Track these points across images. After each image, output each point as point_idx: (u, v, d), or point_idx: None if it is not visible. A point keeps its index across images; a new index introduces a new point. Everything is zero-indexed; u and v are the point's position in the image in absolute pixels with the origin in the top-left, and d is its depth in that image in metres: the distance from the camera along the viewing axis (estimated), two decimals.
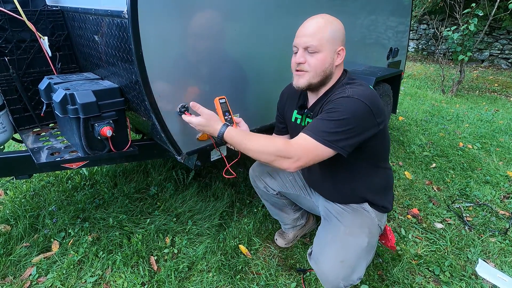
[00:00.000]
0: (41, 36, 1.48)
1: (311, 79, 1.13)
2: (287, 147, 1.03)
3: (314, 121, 1.07)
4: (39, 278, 1.50)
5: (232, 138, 1.09)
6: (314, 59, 1.10)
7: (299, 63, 1.12)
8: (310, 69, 1.11)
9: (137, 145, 1.46)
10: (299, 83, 1.15)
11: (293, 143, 1.05)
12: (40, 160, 1.31)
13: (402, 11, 2.77)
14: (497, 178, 2.44)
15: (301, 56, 1.11)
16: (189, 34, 1.19)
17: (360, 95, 1.05)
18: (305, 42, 1.09)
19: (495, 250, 1.73)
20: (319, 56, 1.09)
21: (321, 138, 1.01)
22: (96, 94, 1.22)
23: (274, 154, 1.03)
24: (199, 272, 1.55)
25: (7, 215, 1.85)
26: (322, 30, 1.08)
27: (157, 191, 2.12)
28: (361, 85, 1.13)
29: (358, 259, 1.13)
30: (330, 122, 1.03)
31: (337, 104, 1.05)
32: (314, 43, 1.08)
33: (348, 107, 1.03)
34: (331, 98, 1.11)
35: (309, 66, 1.11)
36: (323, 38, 1.08)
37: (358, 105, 1.03)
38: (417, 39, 8.45)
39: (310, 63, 1.11)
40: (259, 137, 1.09)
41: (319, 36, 1.08)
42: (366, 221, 1.24)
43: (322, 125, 1.03)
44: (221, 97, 1.24)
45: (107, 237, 1.72)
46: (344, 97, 1.06)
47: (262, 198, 1.64)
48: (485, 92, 5.37)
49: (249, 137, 1.09)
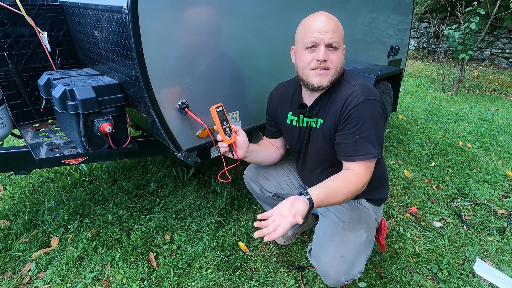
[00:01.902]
0: (40, 31, 1.47)
1: (332, 77, 1.09)
2: (359, 182, 1.06)
3: (353, 143, 1.07)
4: (38, 274, 1.50)
5: (321, 203, 0.99)
6: (335, 56, 1.07)
7: (323, 60, 1.05)
8: (332, 66, 1.07)
9: (136, 141, 1.45)
10: (322, 82, 1.09)
11: (359, 174, 1.07)
12: (39, 156, 1.31)
13: (404, 9, 2.76)
14: (496, 177, 2.45)
15: (325, 53, 1.04)
16: (190, 30, 1.19)
17: (368, 93, 1.08)
18: (330, 38, 1.03)
19: (493, 249, 1.73)
20: (338, 53, 1.07)
21: (372, 156, 1.07)
22: (95, 90, 1.21)
23: (355, 194, 1.06)
24: (198, 268, 1.56)
25: (6, 210, 1.85)
26: (340, 26, 1.07)
27: (156, 188, 2.12)
28: (359, 78, 1.15)
29: (358, 254, 1.15)
30: (370, 136, 1.06)
31: (361, 113, 1.06)
32: (337, 39, 1.05)
33: (371, 111, 1.06)
34: (347, 107, 1.08)
35: (332, 64, 1.07)
36: (341, 35, 1.07)
37: (376, 105, 1.08)
38: (418, 38, 8.43)
39: (332, 60, 1.06)
40: (338, 187, 1.03)
41: (340, 33, 1.06)
42: (363, 216, 1.25)
43: (364, 145, 1.06)
44: (218, 105, 1.13)
45: (106, 233, 1.72)
46: (361, 103, 1.06)
47: (259, 200, 1.63)
48: (485, 91, 5.37)
49: (332, 193, 1.02)
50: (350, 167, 1.09)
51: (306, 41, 1.07)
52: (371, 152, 1.06)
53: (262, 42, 1.50)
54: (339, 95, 1.12)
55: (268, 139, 1.44)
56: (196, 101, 1.30)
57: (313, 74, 1.09)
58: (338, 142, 1.12)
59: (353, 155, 1.08)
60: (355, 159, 1.08)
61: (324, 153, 1.23)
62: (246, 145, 1.20)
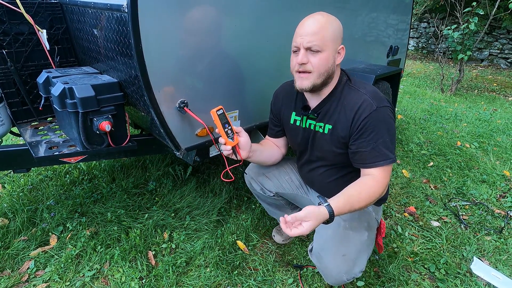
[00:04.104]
0: (39, 29, 1.47)
1: (315, 80, 1.09)
2: (379, 186, 1.08)
3: (371, 150, 1.09)
4: (37, 272, 1.50)
5: (342, 210, 1.01)
6: (317, 59, 1.06)
7: (302, 63, 1.07)
8: (313, 69, 1.08)
9: (135, 140, 1.45)
10: (303, 85, 1.11)
11: (378, 179, 1.09)
12: (38, 154, 1.30)
13: (403, 9, 2.76)
14: (494, 177, 2.46)
15: (303, 56, 1.06)
16: (189, 29, 1.19)
17: (379, 100, 1.10)
18: (308, 42, 1.04)
19: (490, 249, 1.74)
20: (322, 55, 1.06)
21: (390, 160, 1.09)
22: (95, 88, 1.21)
23: (376, 198, 1.07)
24: (196, 267, 1.56)
25: (5, 208, 1.85)
26: (324, 28, 1.05)
27: (155, 186, 2.12)
28: (366, 84, 1.17)
29: (359, 253, 1.15)
30: (386, 142, 1.09)
31: (376, 122, 1.08)
32: (317, 42, 1.04)
33: (384, 118, 1.09)
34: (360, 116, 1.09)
35: (313, 67, 1.07)
36: (325, 37, 1.05)
37: (388, 111, 1.11)
38: (417, 38, 8.44)
39: (313, 64, 1.07)
40: (359, 193, 1.05)
41: (322, 35, 1.04)
42: (364, 215, 1.26)
43: (382, 151, 1.08)
44: (218, 108, 1.11)
45: (105, 232, 1.72)
46: (374, 111, 1.08)
47: (259, 199, 1.63)
48: (483, 91, 5.38)
49: (352, 200, 1.03)
50: (369, 173, 1.11)
51: (292, 45, 1.12)
52: (389, 157, 1.09)
53: (261, 41, 1.50)
54: (350, 103, 1.13)
55: (270, 138, 1.44)
56: (195, 100, 1.30)
57: (297, 77, 1.12)
58: (355, 151, 1.13)
59: (372, 161, 1.10)
60: (374, 165, 1.10)
61: (329, 154, 1.24)
62: (249, 145, 1.20)
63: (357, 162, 1.14)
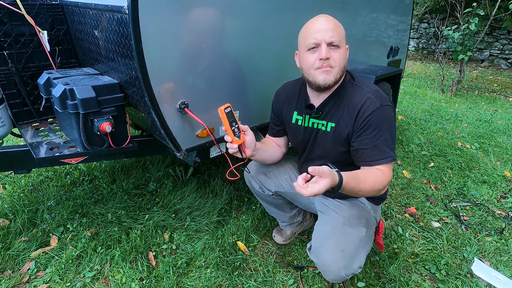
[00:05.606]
0: (40, 30, 1.47)
1: (336, 74, 1.11)
2: (383, 179, 1.08)
3: (373, 148, 1.10)
4: (37, 273, 1.50)
5: (348, 184, 0.97)
6: (338, 54, 1.09)
7: (326, 58, 1.07)
8: (335, 64, 1.09)
9: (136, 141, 1.45)
10: (327, 80, 1.10)
11: (385, 173, 1.10)
12: (39, 155, 1.31)
13: (403, 10, 2.76)
14: (495, 178, 2.46)
15: (327, 51, 1.07)
16: (190, 30, 1.19)
17: (382, 99, 1.12)
18: (330, 37, 1.06)
19: (491, 249, 1.74)
20: (341, 51, 1.10)
21: (391, 159, 1.11)
22: (95, 89, 1.21)
23: (379, 189, 1.07)
24: (197, 268, 1.56)
25: (6, 209, 1.85)
26: (339, 25, 1.10)
27: (155, 187, 2.12)
28: (368, 83, 1.18)
29: (357, 248, 1.16)
30: (387, 140, 1.10)
31: (378, 119, 1.10)
32: (337, 37, 1.07)
33: (387, 117, 1.10)
34: (364, 113, 1.10)
35: (335, 62, 1.09)
36: (341, 34, 1.09)
37: (390, 110, 1.12)
38: (418, 38, 8.44)
39: (335, 59, 1.09)
40: (365, 176, 1.07)
41: (338, 31, 1.08)
42: (362, 213, 1.27)
43: (383, 148, 1.10)
44: (226, 106, 1.09)
45: (105, 233, 1.73)
46: (378, 109, 1.10)
47: (259, 198, 1.63)
48: (484, 92, 5.38)
49: (359, 178, 1.03)
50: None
51: (307, 43, 1.10)
52: (390, 156, 1.10)
53: (262, 42, 1.50)
54: (353, 101, 1.14)
55: (271, 137, 1.45)
56: (196, 101, 1.30)
57: (318, 73, 1.11)
58: (356, 149, 1.14)
59: (373, 159, 1.11)
60: (375, 163, 1.11)
61: (330, 153, 1.24)
62: (254, 144, 1.21)
63: (359, 160, 1.15)
